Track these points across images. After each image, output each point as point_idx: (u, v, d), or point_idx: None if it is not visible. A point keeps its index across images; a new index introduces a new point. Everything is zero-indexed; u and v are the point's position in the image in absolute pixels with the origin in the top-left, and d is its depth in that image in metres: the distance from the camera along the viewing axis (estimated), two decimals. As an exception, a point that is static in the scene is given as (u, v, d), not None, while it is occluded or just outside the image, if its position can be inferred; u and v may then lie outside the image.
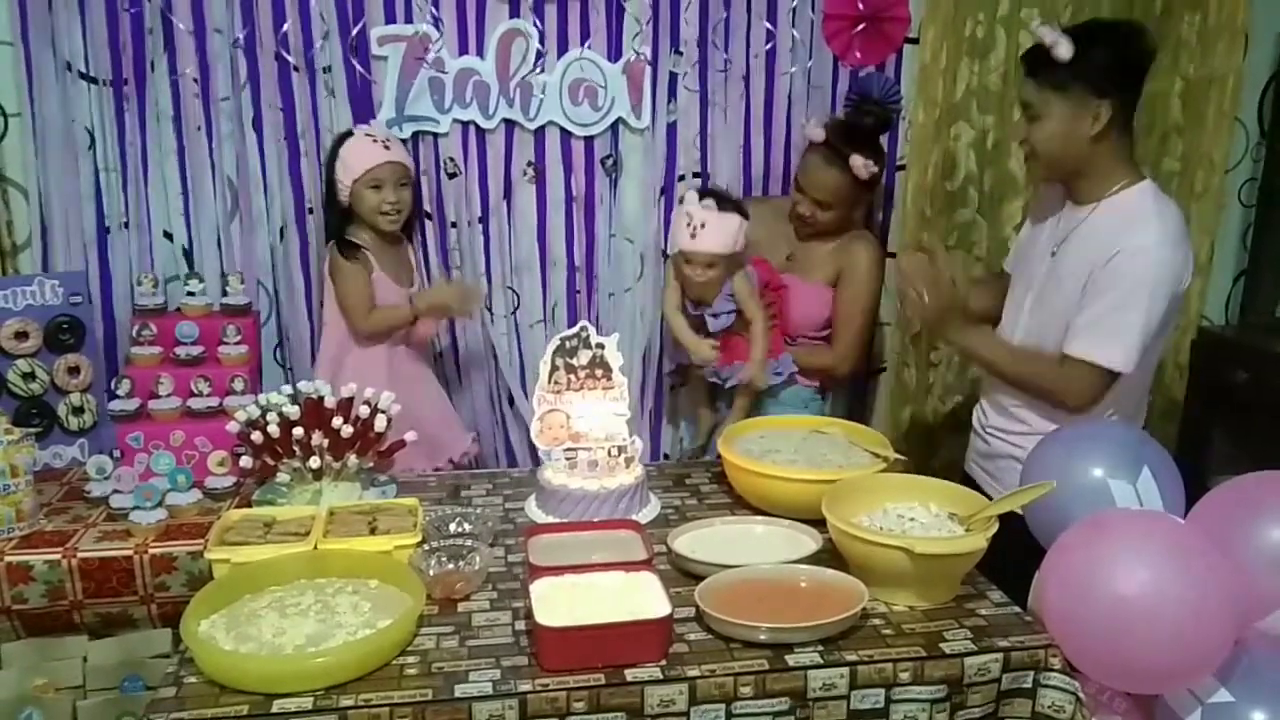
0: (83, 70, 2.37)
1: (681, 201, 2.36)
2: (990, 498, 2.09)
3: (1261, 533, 1.62)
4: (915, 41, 2.67)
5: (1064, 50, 1.89)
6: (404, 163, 2.40)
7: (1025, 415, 2.10)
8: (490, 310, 2.67)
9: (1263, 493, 1.70)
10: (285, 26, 2.39)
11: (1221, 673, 1.55)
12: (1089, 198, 2.01)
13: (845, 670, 1.47)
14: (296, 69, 2.42)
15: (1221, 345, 2.97)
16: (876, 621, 1.59)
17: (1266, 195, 2.94)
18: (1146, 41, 1.95)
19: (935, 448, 2.92)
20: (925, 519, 1.74)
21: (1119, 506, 1.73)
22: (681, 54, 2.58)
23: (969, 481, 2.28)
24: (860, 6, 2.60)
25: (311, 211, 2.53)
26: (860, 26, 2.62)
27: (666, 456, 2.81)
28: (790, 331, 2.48)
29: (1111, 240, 1.92)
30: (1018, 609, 1.65)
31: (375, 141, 2.35)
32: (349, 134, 2.37)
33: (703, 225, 2.27)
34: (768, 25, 2.60)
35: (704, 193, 2.31)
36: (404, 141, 2.49)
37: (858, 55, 2.65)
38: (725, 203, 2.31)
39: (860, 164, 2.33)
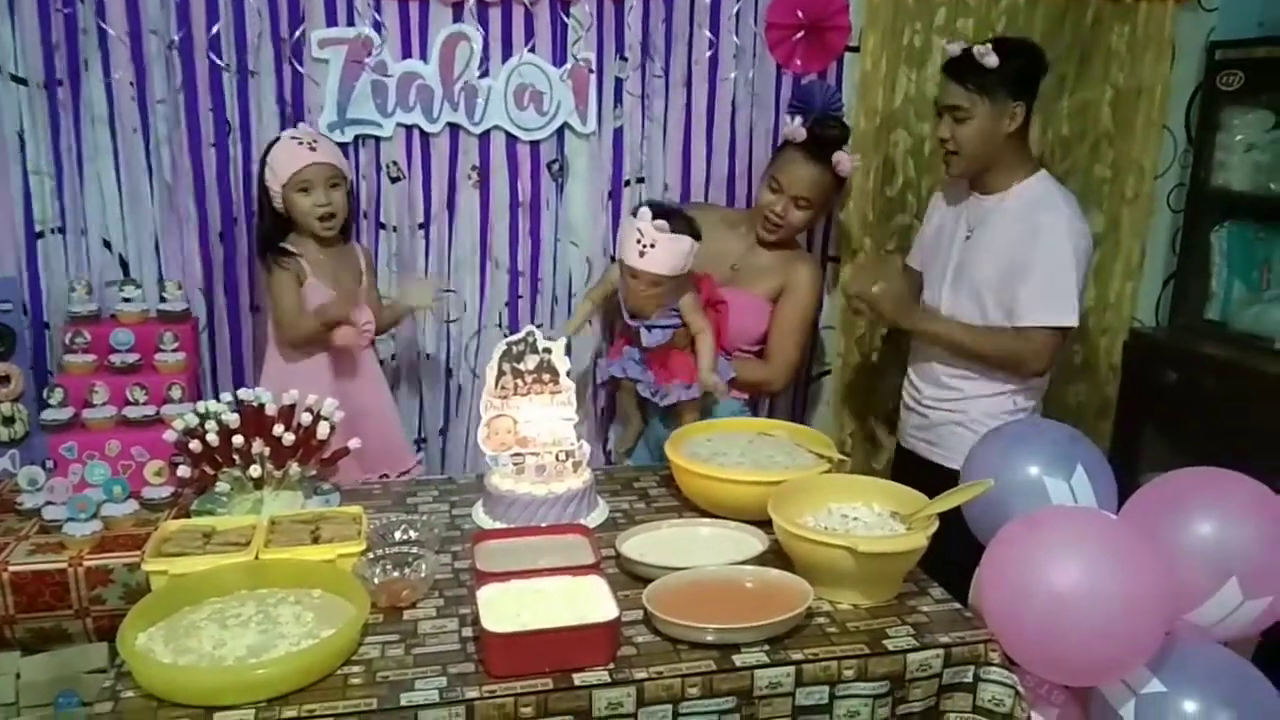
0: (13, 72, 2.31)
1: (635, 215, 2.26)
2: (933, 468, 2.28)
3: (1190, 528, 1.67)
4: (856, 50, 2.72)
5: (992, 59, 2.19)
6: (332, 163, 2.31)
7: (959, 384, 2.35)
8: (443, 318, 2.66)
9: (1192, 489, 1.76)
10: (219, 28, 2.36)
11: (1153, 664, 1.60)
12: (996, 188, 2.31)
13: (791, 669, 1.49)
14: (226, 68, 2.39)
15: (1152, 347, 3.06)
16: (821, 620, 1.61)
17: (1194, 201, 3.04)
18: (1043, 55, 2.30)
19: (878, 447, 2.97)
20: (868, 518, 1.77)
21: (1054, 504, 1.77)
22: (626, 59, 2.60)
23: (908, 457, 2.41)
24: (801, 15, 2.64)
25: (236, 221, 2.49)
26: (801, 34, 2.66)
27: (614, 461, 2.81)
28: (725, 344, 2.45)
29: (1030, 221, 2.22)
30: (958, 605, 1.69)
31: (300, 144, 2.29)
32: (277, 139, 2.32)
33: (652, 245, 2.19)
34: (712, 29, 2.62)
35: (658, 211, 2.23)
36: (345, 145, 2.47)
37: (799, 63, 2.68)
38: (679, 222, 2.23)
39: (845, 160, 2.40)
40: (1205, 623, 1.67)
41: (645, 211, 2.23)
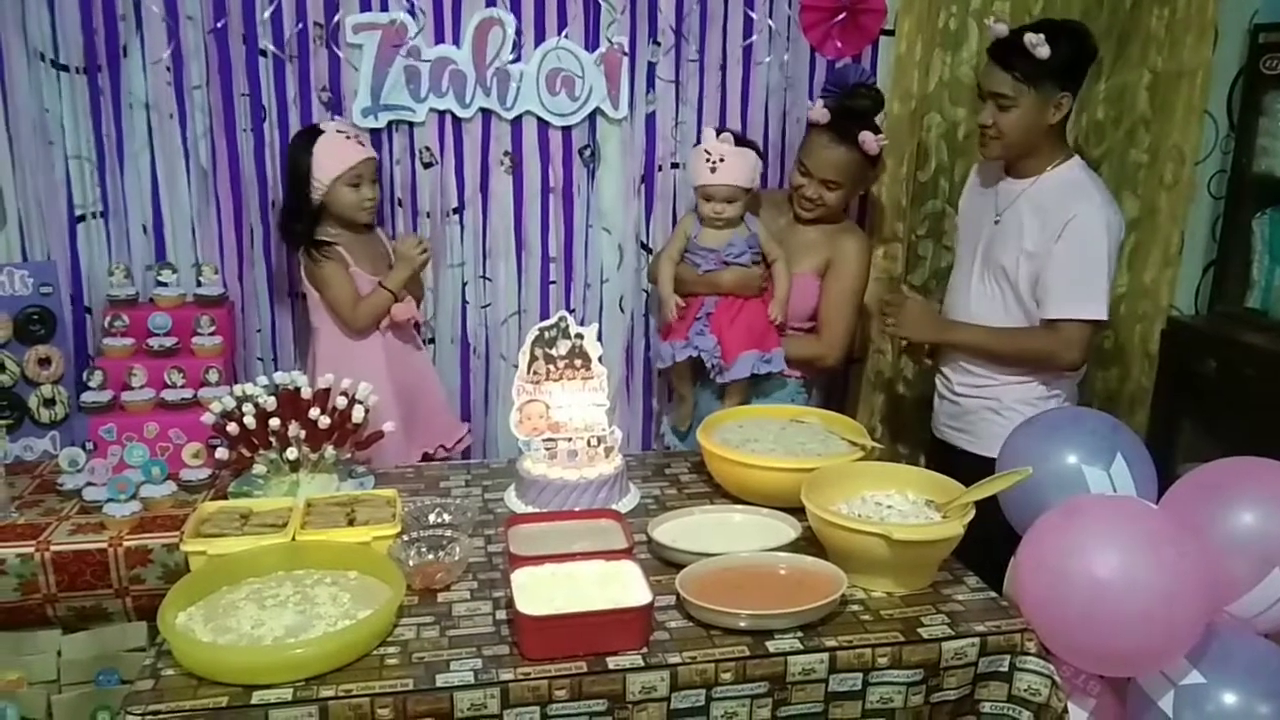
0: (53, 58, 2.33)
1: (699, 143, 2.40)
2: (967, 457, 2.26)
3: (1232, 518, 1.65)
4: (890, 33, 2.69)
5: (1044, 50, 2.10)
6: (374, 155, 2.37)
7: (989, 370, 2.31)
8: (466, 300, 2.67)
9: (1233, 479, 1.73)
10: (259, 14, 2.37)
11: (1193, 655, 1.58)
12: (1029, 173, 2.26)
13: (824, 655, 1.49)
14: (263, 53, 2.40)
15: (1190, 335, 3.01)
16: (855, 607, 1.61)
17: (1235, 187, 2.98)
18: (1093, 40, 2.24)
19: (906, 432, 2.95)
20: (903, 506, 1.76)
21: (1093, 492, 1.75)
22: (659, 44, 2.58)
23: (942, 447, 2.42)
24: (837, -2, 2.61)
25: (273, 205, 2.49)
26: (837, 18, 2.63)
27: (650, 448, 2.81)
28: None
29: (1062, 208, 2.17)
30: (994, 594, 1.67)
31: (349, 138, 2.31)
32: (318, 131, 2.32)
33: (721, 159, 2.31)
34: (747, 12, 2.60)
35: (720, 130, 2.36)
36: (378, 131, 2.48)
37: (837, 46, 2.66)
38: (740, 140, 2.37)
39: (871, 139, 2.36)
40: (1246, 614, 1.65)
41: (709, 132, 2.38)
